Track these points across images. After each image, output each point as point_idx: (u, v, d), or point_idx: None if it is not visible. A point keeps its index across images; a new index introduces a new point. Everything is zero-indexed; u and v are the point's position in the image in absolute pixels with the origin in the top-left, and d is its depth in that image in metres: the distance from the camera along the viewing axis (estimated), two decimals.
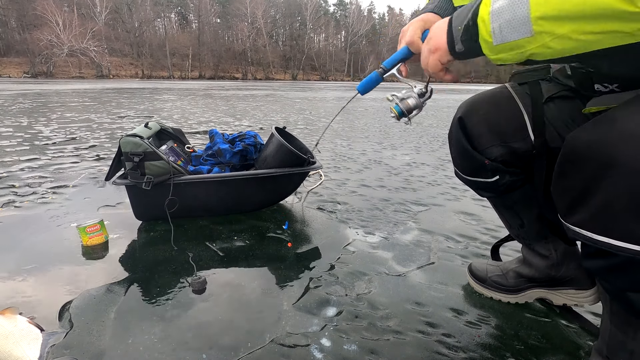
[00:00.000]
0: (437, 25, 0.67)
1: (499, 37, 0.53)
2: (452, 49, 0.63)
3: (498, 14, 0.52)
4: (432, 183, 2.26)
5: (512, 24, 0.50)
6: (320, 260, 1.28)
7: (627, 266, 0.55)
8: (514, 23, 0.50)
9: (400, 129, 4.64)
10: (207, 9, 58.45)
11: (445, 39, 0.63)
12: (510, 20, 0.50)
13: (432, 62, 0.67)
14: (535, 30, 0.48)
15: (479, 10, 0.55)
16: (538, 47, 0.50)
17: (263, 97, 11.13)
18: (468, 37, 0.58)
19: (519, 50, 0.52)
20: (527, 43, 0.50)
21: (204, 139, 3.63)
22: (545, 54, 0.50)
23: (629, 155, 0.49)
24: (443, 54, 0.65)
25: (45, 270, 1.17)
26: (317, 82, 46.90)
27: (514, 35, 0.51)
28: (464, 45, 0.60)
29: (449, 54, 0.64)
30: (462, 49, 0.61)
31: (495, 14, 0.52)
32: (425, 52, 0.69)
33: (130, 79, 42.65)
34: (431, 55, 0.67)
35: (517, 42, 0.51)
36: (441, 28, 0.65)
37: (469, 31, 0.58)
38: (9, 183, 2.05)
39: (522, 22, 0.49)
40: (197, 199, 1.56)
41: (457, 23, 0.61)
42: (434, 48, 0.66)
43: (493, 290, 1.06)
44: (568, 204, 0.60)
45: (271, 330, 0.91)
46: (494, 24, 0.53)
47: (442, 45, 0.64)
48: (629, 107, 0.54)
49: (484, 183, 0.88)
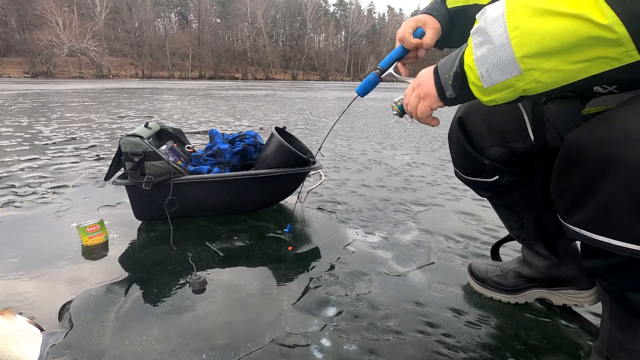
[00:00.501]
0: (423, 74, 0.68)
1: (487, 80, 0.54)
2: (443, 96, 0.64)
3: (483, 60, 0.53)
4: (432, 183, 2.26)
5: (499, 66, 0.51)
6: (320, 260, 1.28)
7: (627, 266, 0.55)
8: (501, 65, 0.51)
9: (400, 129, 4.64)
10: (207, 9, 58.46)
11: (434, 87, 0.65)
12: (497, 63, 0.51)
13: (422, 108, 0.68)
14: (523, 68, 0.49)
15: (464, 58, 0.57)
16: (529, 83, 0.50)
17: (263, 97, 11.14)
18: (458, 83, 0.60)
19: (510, 89, 0.52)
20: (517, 81, 0.51)
21: (204, 139, 3.63)
22: (537, 89, 0.51)
23: (628, 155, 0.49)
24: (433, 101, 0.66)
25: (45, 270, 1.17)
26: (317, 82, 46.92)
27: (502, 77, 0.52)
28: (455, 91, 0.61)
29: (439, 101, 0.66)
30: (452, 94, 0.62)
31: (480, 60, 0.53)
32: (413, 98, 0.70)
33: (130, 79, 42.65)
34: (421, 102, 0.68)
35: (507, 81, 0.52)
36: (428, 76, 0.66)
37: (458, 78, 0.59)
38: (9, 183, 2.05)
39: (509, 63, 0.50)
40: (197, 199, 1.56)
41: (444, 71, 0.62)
42: (424, 94, 0.67)
43: (493, 291, 1.06)
44: (567, 204, 0.60)
45: (271, 330, 0.91)
46: (480, 69, 0.54)
47: (432, 92, 0.66)
48: (627, 107, 0.54)
49: (484, 183, 0.88)
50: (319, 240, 1.43)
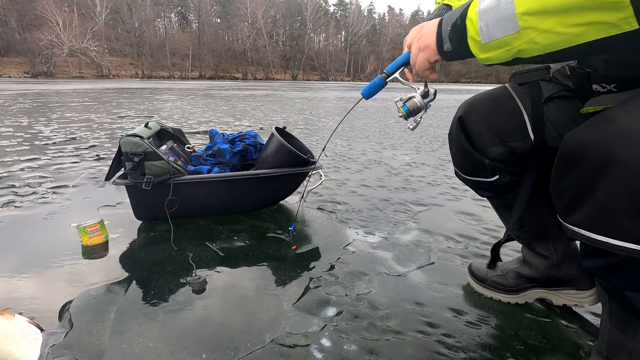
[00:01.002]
0: (428, 25, 0.68)
1: (486, 35, 0.54)
2: (441, 49, 0.64)
3: (485, 13, 0.53)
4: (432, 183, 2.26)
5: (498, 21, 0.52)
6: (320, 260, 1.28)
7: (626, 265, 0.55)
8: (501, 20, 0.51)
9: (400, 129, 4.64)
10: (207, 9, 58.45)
11: (434, 38, 0.65)
12: (497, 18, 0.52)
13: (420, 60, 0.69)
14: (521, 25, 0.49)
15: (468, 11, 0.57)
16: (524, 43, 0.51)
17: (263, 97, 11.14)
18: (456, 36, 0.60)
19: (506, 47, 0.53)
20: (514, 39, 0.51)
21: (204, 139, 3.63)
22: (532, 50, 0.51)
23: (626, 154, 0.50)
24: (431, 53, 0.67)
25: (45, 270, 1.17)
26: (317, 82, 46.92)
27: (500, 33, 0.52)
28: (452, 44, 0.61)
29: (437, 53, 0.66)
30: (450, 48, 0.62)
31: (482, 13, 0.54)
32: (415, 49, 0.71)
33: (130, 79, 42.66)
34: (420, 53, 0.69)
35: (504, 39, 0.52)
36: (431, 28, 0.66)
37: (457, 30, 0.59)
38: (9, 183, 2.05)
39: (508, 19, 0.50)
40: (197, 199, 1.56)
41: (447, 24, 0.62)
42: (424, 46, 0.67)
43: (493, 291, 1.06)
44: (566, 203, 0.60)
45: (271, 330, 0.91)
46: (481, 23, 0.54)
47: (431, 44, 0.66)
48: (626, 107, 0.54)
49: (484, 183, 0.88)
50: (319, 240, 1.43)
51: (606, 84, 0.64)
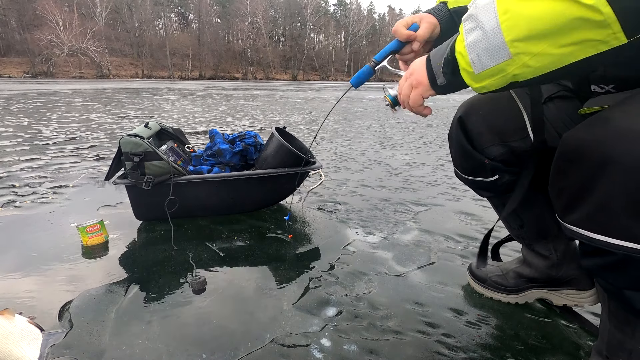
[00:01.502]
0: (416, 63, 0.68)
1: (478, 65, 0.54)
2: (434, 83, 0.64)
3: (474, 45, 0.54)
4: (432, 183, 2.26)
5: (489, 51, 0.52)
6: (320, 260, 1.28)
7: (624, 264, 0.55)
8: (491, 50, 0.51)
9: (400, 129, 4.64)
10: (207, 9, 58.45)
11: (426, 75, 0.65)
12: (487, 48, 0.52)
13: (414, 97, 0.69)
14: (512, 52, 0.49)
15: (455, 45, 0.57)
16: (518, 68, 0.51)
17: (263, 97, 11.14)
18: (449, 70, 0.60)
19: (500, 74, 0.53)
20: (507, 66, 0.51)
21: (204, 139, 3.63)
22: (527, 74, 0.51)
23: (624, 153, 0.50)
24: (425, 89, 0.67)
25: (45, 270, 1.18)
26: (317, 82, 46.92)
27: (493, 61, 0.52)
28: (445, 78, 0.62)
29: (430, 89, 0.66)
30: (444, 82, 0.62)
31: (470, 46, 0.54)
32: (406, 87, 0.70)
33: (130, 79, 42.66)
34: (413, 90, 0.69)
35: (498, 66, 0.52)
36: (421, 64, 0.67)
37: (449, 64, 0.59)
38: (9, 183, 2.05)
39: (499, 48, 0.50)
40: (197, 199, 1.56)
41: (436, 59, 0.63)
42: (416, 83, 0.68)
43: (493, 291, 1.06)
44: (565, 203, 0.60)
45: (271, 330, 0.91)
46: (472, 55, 0.54)
47: (423, 80, 0.66)
48: (623, 106, 0.54)
49: (483, 182, 0.88)
50: (319, 240, 1.43)
51: (604, 84, 0.64)
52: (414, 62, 0.69)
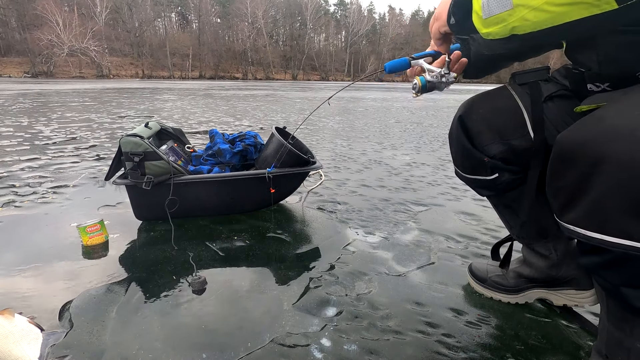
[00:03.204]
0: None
1: (486, 10, 0.61)
2: (449, 20, 0.72)
3: None
4: (433, 183, 2.26)
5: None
6: (320, 260, 1.28)
7: (621, 262, 0.56)
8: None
9: (400, 129, 4.64)
10: (207, 9, 58.47)
11: (446, 10, 0.72)
12: None
13: (434, 29, 0.77)
14: (514, 3, 0.56)
15: None
16: (517, 20, 0.57)
17: (263, 97, 11.14)
18: (462, 11, 0.67)
19: (502, 23, 0.59)
20: (508, 16, 0.57)
21: (204, 139, 3.63)
22: (525, 27, 0.57)
23: (617, 151, 0.50)
24: (441, 24, 0.75)
25: (45, 270, 1.18)
26: (317, 82, 46.91)
27: (498, 9, 0.58)
28: (455, 17, 0.69)
29: (445, 25, 0.74)
30: (453, 21, 0.70)
31: None
32: (432, 18, 0.78)
33: (130, 79, 42.66)
34: (435, 22, 0.77)
35: (501, 15, 0.58)
36: (446, 1, 0.73)
37: (463, 5, 0.67)
38: (9, 183, 2.06)
39: None
40: (197, 199, 1.56)
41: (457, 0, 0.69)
42: (437, 16, 0.76)
43: (493, 291, 1.06)
44: (562, 202, 0.61)
45: (271, 330, 0.91)
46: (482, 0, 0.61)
47: (442, 14, 0.74)
48: (615, 105, 0.55)
49: (483, 181, 0.88)
50: (319, 240, 1.43)
51: (600, 83, 0.65)
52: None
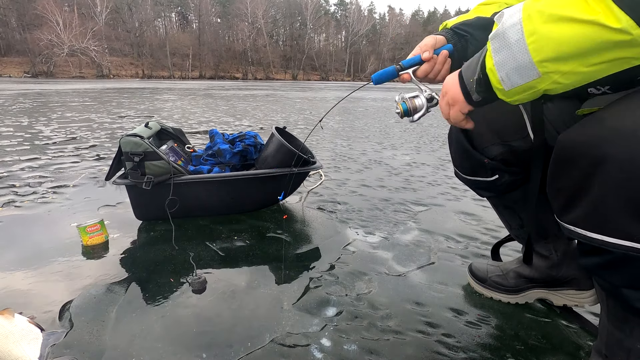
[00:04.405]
0: (449, 81, 0.70)
1: (508, 83, 0.56)
2: (470, 100, 0.66)
3: (502, 65, 0.55)
4: (433, 183, 2.26)
5: (518, 70, 0.53)
6: (320, 260, 1.28)
7: (621, 262, 0.56)
8: (520, 69, 0.53)
9: (400, 129, 4.64)
10: (207, 8, 58.46)
11: (460, 92, 0.67)
12: (516, 68, 0.53)
13: (454, 114, 0.70)
14: (541, 72, 0.51)
15: (485, 61, 0.58)
16: (549, 85, 0.52)
17: (263, 97, 11.14)
18: (482, 87, 0.62)
19: (531, 90, 0.54)
20: (537, 83, 0.53)
21: (204, 139, 3.63)
22: (558, 89, 0.52)
23: (618, 152, 0.50)
24: (463, 106, 0.68)
25: (45, 270, 1.18)
26: (317, 82, 46.91)
27: (522, 80, 0.54)
28: (480, 95, 0.63)
29: (467, 105, 0.67)
30: (479, 98, 0.64)
31: (499, 65, 0.55)
32: (444, 105, 0.72)
33: (130, 79, 42.66)
34: (451, 108, 0.70)
35: (528, 84, 0.53)
36: (453, 82, 0.68)
37: (481, 82, 0.61)
38: (10, 183, 2.06)
39: (528, 68, 0.52)
40: (197, 199, 1.56)
41: (468, 75, 0.64)
42: (452, 101, 0.69)
43: (493, 291, 1.06)
44: (562, 203, 0.61)
45: (271, 330, 0.91)
46: (501, 73, 0.56)
47: (459, 98, 0.67)
48: (616, 107, 0.55)
49: (483, 182, 0.88)
50: (319, 240, 1.43)
51: (600, 86, 0.65)
52: (447, 80, 0.71)
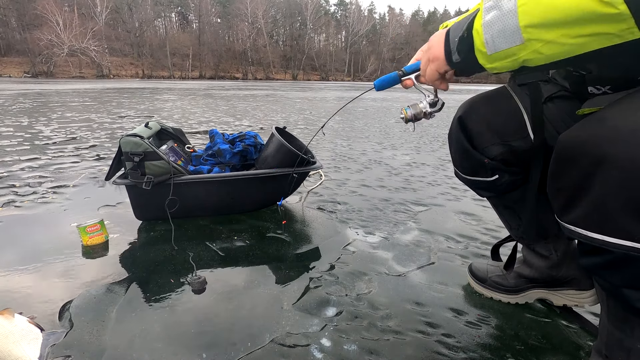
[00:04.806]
0: (436, 36, 0.68)
1: (491, 46, 0.55)
2: (450, 59, 0.65)
3: (489, 25, 0.54)
4: (433, 183, 2.26)
5: (503, 33, 0.52)
6: (320, 260, 1.28)
7: (622, 262, 0.55)
8: (505, 32, 0.52)
9: (400, 129, 4.64)
10: (207, 8, 58.47)
11: (442, 50, 0.65)
12: (502, 30, 0.52)
13: (430, 71, 0.69)
14: (525, 37, 0.50)
15: (474, 22, 0.58)
16: (530, 54, 0.52)
17: (263, 97, 11.14)
18: (464, 47, 0.60)
19: (512, 57, 0.54)
20: (519, 50, 0.52)
21: (204, 139, 3.63)
22: (538, 60, 0.52)
23: (619, 153, 0.50)
24: (441, 64, 0.67)
25: (45, 270, 1.18)
26: (317, 82, 46.92)
27: (506, 44, 0.53)
28: (460, 55, 0.62)
29: (446, 64, 0.66)
30: (458, 59, 0.63)
31: (486, 25, 0.55)
32: (424, 61, 0.71)
33: (130, 79, 42.66)
34: (430, 64, 0.69)
35: (510, 49, 0.53)
36: (439, 39, 0.67)
37: (464, 42, 0.60)
38: (10, 183, 2.06)
39: (513, 31, 0.51)
40: (197, 198, 1.56)
41: (454, 35, 0.63)
42: (433, 57, 0.68)
43: (493, 291, 1.06)
44: (563, 203, 0.60)
45: (271, 330, 0.91)
46: (486, 35, 0.55)
47: (440, 55, 0.66)
48: (617, 106, 0.55)
49: (483, 182, 0.88)
50: (319, 240, 1.43)
51: (601, 85, 0.64)
52: (434, 36, 0.69)
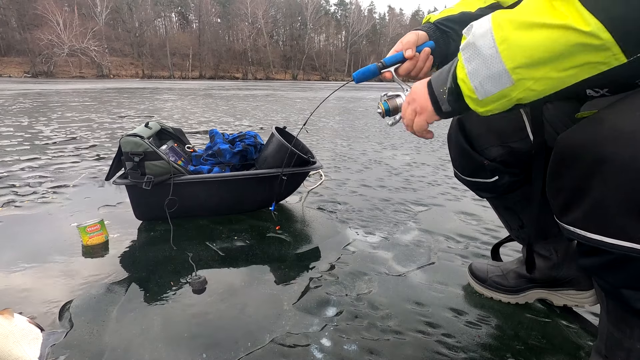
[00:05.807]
0: (418, 88, 0.68)
1: (481, 92, 0.55)
2: (439, 110, 0.64)
3: (475, 74, 0.54)
4: (433, 183, 2.26)
5: (491, 78, 0.52)
6: (320, 260, 1.28)
7: (622, 263, 0.56)
8: (493, 77, 0.52)
9: (400, 129, 4.64)
10: (207, 8, 58.47)
11: (429, 101, 0.65)
12: (489, 76, 0.52)
13: (419, 123, 0.69)
14: (515, 78, 0.50)
15: (457, 72, 0.57)
16: (522, 92, 0.52)
17: (263, 97, 11.14)
18: (453, 97, 0.60)
19: (505, 99, 0.54)
20: (511, 91, 0.52)
21: (204, 139, 3.63)
22: (531, 97, 0.52)
23: (618, 153, 0.50)
24: (430, 115, 0.67)
25: (45, 270, 1.18)
26: (317, 82, 46.92)
27: (496, 88, 0.53)
28: (450, 105, 0.62)
29: (435, 115, 0.66)
30: (449, 108, 0.63)
31: (472, 74, 0.55)
32: (409, 112, 0.70)
33: (130, 79, 42.66)
34: (417, 116, 0.69)
35: (501, 92, 0.53)
36: (422, 91, 0.66)
37: (452, 92, 0.60)
38: (10, 182, 2.06)
39: (501, 75, 0.51)
40: (197, 198, 1.56)
41: (438, 85, 0.63)
42: (420, 109, 0.68)
43: (493, 291, 1.06)
44: (562, 203, 0.61)
45: (271, 330, 0.91)
46: (474, 82, 0.55)
47: (427, 106, 0.66)
48: (615, 107, 0.55)
49: (483, 184, 0.88)
50: (319, 240, 1.43)
51: (599, 88, 0.65)
52: (415, 87, 0.69)
